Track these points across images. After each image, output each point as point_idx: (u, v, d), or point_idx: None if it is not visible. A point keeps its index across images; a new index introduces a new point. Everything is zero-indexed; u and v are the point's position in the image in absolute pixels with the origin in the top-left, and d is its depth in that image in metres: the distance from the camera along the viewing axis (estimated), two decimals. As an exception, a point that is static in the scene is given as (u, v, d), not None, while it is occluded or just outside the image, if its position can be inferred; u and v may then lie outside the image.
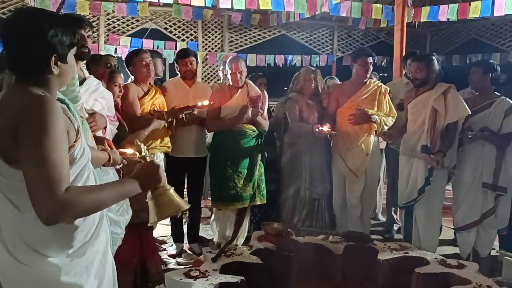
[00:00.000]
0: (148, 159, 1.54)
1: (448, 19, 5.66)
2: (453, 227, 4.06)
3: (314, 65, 7.96)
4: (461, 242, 3.78)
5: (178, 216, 3.88)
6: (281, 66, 8.01)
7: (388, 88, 4.01)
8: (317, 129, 3.73)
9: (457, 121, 3.45)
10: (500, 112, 3.53)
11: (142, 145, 1.57)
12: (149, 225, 1.64)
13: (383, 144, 4.40)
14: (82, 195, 1.26)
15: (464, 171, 3.64)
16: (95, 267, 1.44)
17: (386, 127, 3.86)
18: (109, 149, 2.06)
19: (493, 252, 3.82)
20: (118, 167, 2.26)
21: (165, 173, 1.55)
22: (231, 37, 7.93)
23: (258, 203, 3.74)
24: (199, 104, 3.43)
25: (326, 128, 3.72)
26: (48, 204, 1.19)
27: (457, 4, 5.42)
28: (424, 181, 3.44)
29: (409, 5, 5.25)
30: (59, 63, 1.34)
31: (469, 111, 3.43)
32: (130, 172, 1.49)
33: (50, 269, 1.32)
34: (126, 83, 3.56)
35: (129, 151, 2.02)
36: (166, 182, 1.53)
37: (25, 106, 1.24)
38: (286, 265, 2.90)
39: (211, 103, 3.52)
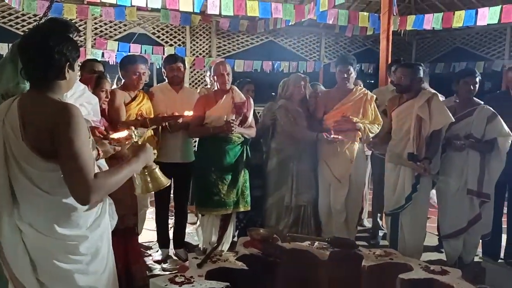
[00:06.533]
0: (140, 142, 1.85)
1: (433, 27, 5.75)
2: (437, 233, 4.11)
3: (301, 72, 8.01)
4: (448, 249, 3.82)
5: (160, 215, 3.88)
6: (268, 72, 8.05)
7: (374, 96, 4.05)
8: (327, 137, 3.73)
9: (441, 128, 3.50)
10: (483, 119, 3.59)
11: (134, 131, 1.87)
12: (135, 193, 1.99)
13: (368, 151, 4.45)
14: (106, 178, 1.62)
15: (450, 179, 3.68)
16: (107, 235, 1.84)
17: (371, 135, 3.89)
18: (101, 136, 2.24)
19: (476, 259, 3.87)
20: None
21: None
22: (219, 42, 7.95)
23: (242, 209, 3.75)
24: (185, 113, 3.43)
25: (339, 136, 3.74)
26: (84, 189, 1.55)
27: (442, 13, 5.52)
28: (411, 188, 3.48)
29: (395, 14, 5.32)
30: (69, 70, 1.67)
31: (453, 118, 3.48)
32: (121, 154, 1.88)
33: (72, 239, 1.67)
34: (113, 88, 3.55)
35: (123, 133, 2.19)
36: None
37: (58, 113, 1.57)
38: (271, 271, 2.90)
39: (196, 114, 3.53)
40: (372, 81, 7.68)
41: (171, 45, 7.55)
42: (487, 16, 4.67)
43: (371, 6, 7.59)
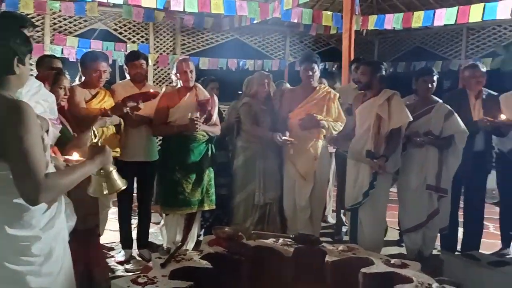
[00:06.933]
0: (100, 144, 1.80)
1: (394, 27, 5.89)
2: (398, 228, 4.23)
3: (267, 70, 8.03)
4: (409, 243, 3.93)
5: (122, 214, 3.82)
6: (233, 69, 8.03)
7: (338, 94, 4.11)
8: (279, 138, 3.77)
9: (401, 126, 3.59)
10: (441, 116, 3.72)
11: (96, 131, 1.84)
12: (89, 193, 1.86)
13: (332, 148, 4.52)
14: (58, 179, 1.59)
15: (410, 175, 3.79)
16: (62, 236, 1.80)
17: (335, 132, 3.96)
18: (53, 155, 2.06)
19: (434, 251, 4.01)
20: None
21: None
22: (183, 39, 7.86)
23: (207, 208, 3.73)
24: (150, 91, 3.38)
25: (287, 136, 3.78)
26: (33, 189, 1.51)
27: (402, 13, 5.66)
28: (368, 184, 3.56)
29: (357, 13, 5.43)
30: (19, 65, 1.61)
31: (411, 118, 3.58)
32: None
33: (23, 240, 1.62)
34: (73, 85, 3.45)
35: (74, 156, 2.07)
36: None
37: (8, 110, 1.52)
38: (236, 269, 2.90)
39: (154, 92, 3.49)
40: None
41: (134, 41, 7.39)
42: (444, 17, 4.84)
43: (335, 6, 7.69)
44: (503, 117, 3.65)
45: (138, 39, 7.47)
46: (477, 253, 3.53)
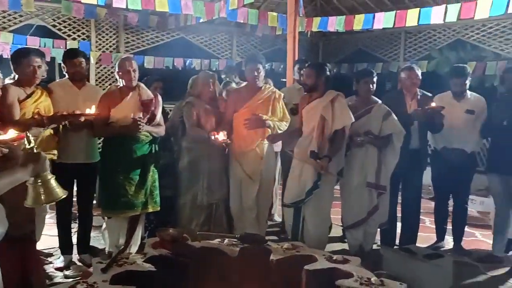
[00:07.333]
0: (35, 150, 1.69)
1: (337, 29, 6.05)
2: (341, 225, 4.36)
3: (214, 69, 8.01)
4: (351, 239, 4.06)
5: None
6: (180, 69, 7.92)
7: (282, 94, 4.17)
8: (212, 137, 3.76)
9: (344, 127, 3.69)
10: (379, 116, 3.87)
11: (31, 136, 1.71)
12: (25, 205, 1.71)
13: (278, 147, 4.58)
14: None
15: (351, 173, 3.91)
16: None
17: (280, 132, 4.01)
18: None
19: (375, 246, 4.17)
20: None
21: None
22: (127, 37, 7.65)
23: (151, 210, 3.66)
24: (87, 111, 3.23)
25: (221, 136, 3.74)
26: None
27: (344, 16, 5.83)
28: (312, 184, 3.63)
29: (301, 15, 5.52)
30: None
31: (353, 119, 3.69)
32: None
33: None
34: (5, 84, 3.27)
35: (9, 135, 1.99)
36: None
37: None
38: (181, 271, 2.87)
39: (99, 112, 3.34)
40: (284, 80, 7.90)
41: (74, 38, 7.10)
42: (383, 20, 5.03)
43: (280, 7, 7.79)
44: (433, 104, 3.86)
45: (78, 36, 7.19)
46: (413, 247, 3.72)
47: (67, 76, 3.67)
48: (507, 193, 3.94)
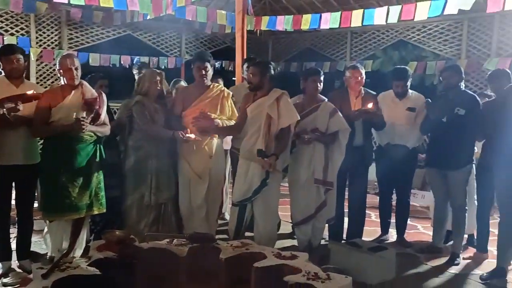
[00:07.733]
0: None
1: (285, 29, 6.13)
2: (291, 221, 4.42)
3: (163, 67, 7.88)
4: (300, 235, 4.13)
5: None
6: (127, 66, 7.73)
7: (231, 92, 4.17)
8: (182, 136, 3.71)
9: (290, 125, 3.73)
10: (326, 114, 3.96)
11: None
12: None
13: (227, 146, 4.57)
14: None
15: (299, 170, 3.97)
16: None
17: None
18: None
19: (323, 242, 4.26)
20: None
21: None
22: (70, 34, 7.36)
23: (96, 212, 3.54)
24: (28, 93, 3.08)
25: (193, 135, 3.74)
26: None
27: (292, 16, 5.92)
28: (260, 182, 3.64)
29: (250, 14, 5.55)
30: None
31: (299, 117, 3.74)
32: None
33: None
34: None
35: None
36: None
37: None
38: (127, 273, 2.81)
39: (41, 94, 3.21)
40: (234, 78, 7.90)
41: (12, 34, 6.74)
42: (329, 20, 5.16)
43: (229, 5, 7.78)
44: (369, 105, 4.01)
45: (17, 31, 6.84)
46: (359, 241, 3.84)
47: (3, 74, 3.48)
48: (445, 186, 4.14)
